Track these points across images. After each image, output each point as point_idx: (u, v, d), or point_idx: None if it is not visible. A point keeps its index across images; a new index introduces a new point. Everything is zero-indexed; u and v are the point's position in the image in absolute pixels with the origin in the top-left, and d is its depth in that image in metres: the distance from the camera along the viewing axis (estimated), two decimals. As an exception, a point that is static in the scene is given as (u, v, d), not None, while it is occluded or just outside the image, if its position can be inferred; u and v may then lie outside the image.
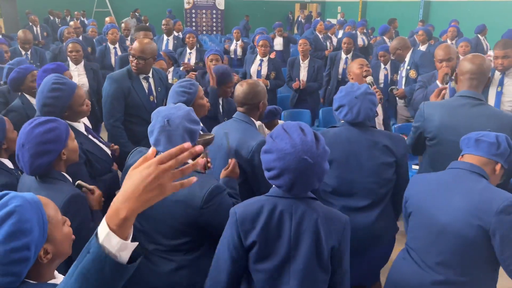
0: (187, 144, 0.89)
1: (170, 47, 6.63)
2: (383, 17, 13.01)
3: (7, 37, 8.27)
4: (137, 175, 0.87)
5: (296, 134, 1.56)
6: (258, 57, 5.34)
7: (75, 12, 13.89)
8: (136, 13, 14.80)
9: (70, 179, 1.95)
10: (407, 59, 4.83)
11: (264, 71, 5.31)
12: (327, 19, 14.91)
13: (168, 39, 6.80)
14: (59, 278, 1.25)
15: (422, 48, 6.57)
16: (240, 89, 2.48)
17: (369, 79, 3.45)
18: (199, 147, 0.91)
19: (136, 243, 0.92)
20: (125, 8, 16.50)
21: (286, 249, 1.60)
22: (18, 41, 5.73)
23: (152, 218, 1.87)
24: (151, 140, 1.86)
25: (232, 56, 7.72)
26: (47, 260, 1.16)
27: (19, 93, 3.25)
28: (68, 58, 4.67)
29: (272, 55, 5.75)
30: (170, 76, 4.65)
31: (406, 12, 14.56)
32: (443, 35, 7.86)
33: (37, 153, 1.78)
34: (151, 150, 0.92)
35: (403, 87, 4.77)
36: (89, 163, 2.42)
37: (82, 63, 4.68)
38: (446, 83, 3.47)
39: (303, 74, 5.47)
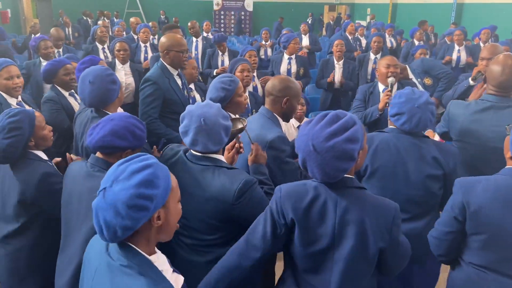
0: None
1: (200, 48, 6.73)
2: (413, 20, 12.78)
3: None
4: None
5: (324, 121, 1.56)
6: (286, 56, 5.34)
7: (105, 12, 14.15)
8: (161, 16, 15.01)
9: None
10: (410, 75, 4.71)
11: (294, 68, 5.34)
12: (356, 21, 14.73)
13: (197, 41, 6.89)
14: (159, 255, 1.30)
15: (461, 49, 6.62)
16: (273, 80, 2.40)
17: (391, 80, 3.35)
18: None
19: None
20: (155, 9, 16.78)
21: (330, 237, 1.59)
22: (51, 39, 5.90)
23: (188, 215, 1.89)
24: (187, 140, 1.88)
25: (263, 56, 7.75)
26: (157, 225, 1.22)
27: (51, 85, 3.45)
28: (116, 57, 4.78)
29: (302, 53, 5.76)
30: None
31: (437, 14, 14.25)
32: (475, 38, 7.68)
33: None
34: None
35: None
36: None
37: (128, 63, 4.76)
38: (475, 81, 3.43)
39: (339, 75, 5.40)
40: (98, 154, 1.91)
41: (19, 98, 3.18)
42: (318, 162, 1.52)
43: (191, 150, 1.93)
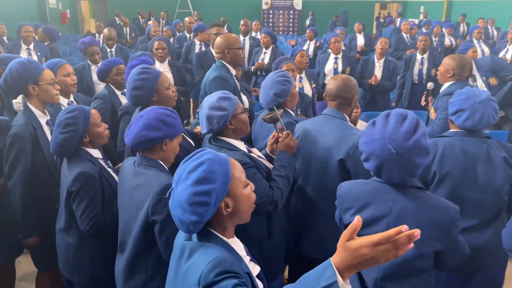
0: (404, 227, 0.95)
1: (247, 47, 6.75)
2: (469, 17, 12.27)
3: (92, 35, 8.88)
4: (353, 253, 0.98)
5: (392, 121, 1.57)
6: (332, 55, 5.30)
7: (151, 11, 14.53)
8: (194, 17, 15.28)
9: (167, 168, 1.98)
10: (474, 70, 4.46)
11: (340, 67, 5.29)
12: (409, 19, 14.32)
13: (244, 39, 6.93)
14: (236, 240, 1.39)
15: None
16: (333, 82, 2.37)
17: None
18: (416, 232, 0.94)
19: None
20: (205, 8, 17.07)
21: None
22: (103, 38, 6.08)
23: None
24: None
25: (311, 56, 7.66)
26: (227, 213, 1.30)
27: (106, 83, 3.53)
28: (154, 56, 4.76)
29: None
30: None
31: (497, 11, 13.58)
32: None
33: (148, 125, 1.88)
34: (357, 219, 0.99)
35: None
36: None
37: (167, 61, 4.81)
38: None
39: (378, 74, 5.32)
40: (141, 152, 1.96)
41: (71, 97, 3.22)
42: (400, 163, 1.53)
43: None
